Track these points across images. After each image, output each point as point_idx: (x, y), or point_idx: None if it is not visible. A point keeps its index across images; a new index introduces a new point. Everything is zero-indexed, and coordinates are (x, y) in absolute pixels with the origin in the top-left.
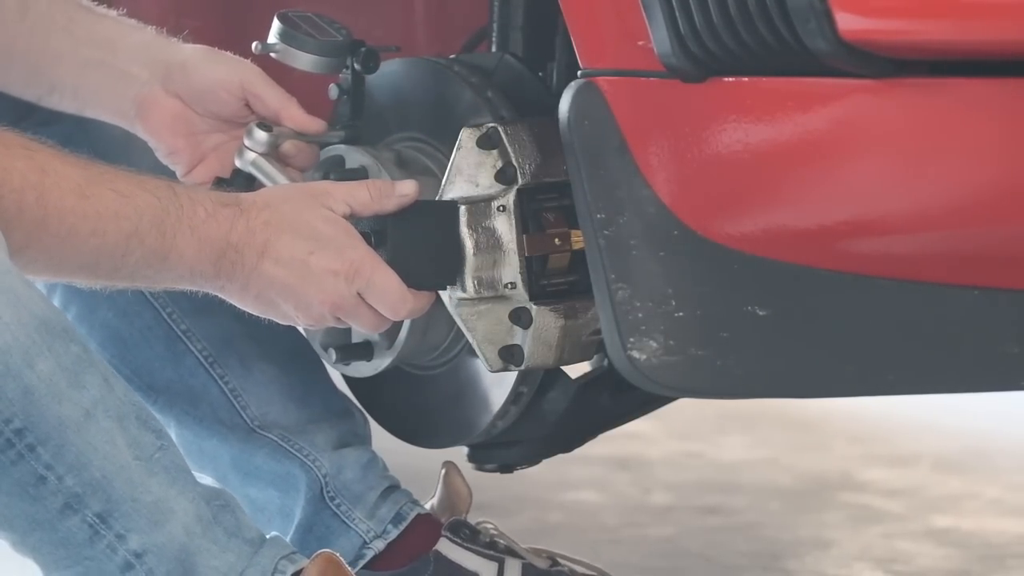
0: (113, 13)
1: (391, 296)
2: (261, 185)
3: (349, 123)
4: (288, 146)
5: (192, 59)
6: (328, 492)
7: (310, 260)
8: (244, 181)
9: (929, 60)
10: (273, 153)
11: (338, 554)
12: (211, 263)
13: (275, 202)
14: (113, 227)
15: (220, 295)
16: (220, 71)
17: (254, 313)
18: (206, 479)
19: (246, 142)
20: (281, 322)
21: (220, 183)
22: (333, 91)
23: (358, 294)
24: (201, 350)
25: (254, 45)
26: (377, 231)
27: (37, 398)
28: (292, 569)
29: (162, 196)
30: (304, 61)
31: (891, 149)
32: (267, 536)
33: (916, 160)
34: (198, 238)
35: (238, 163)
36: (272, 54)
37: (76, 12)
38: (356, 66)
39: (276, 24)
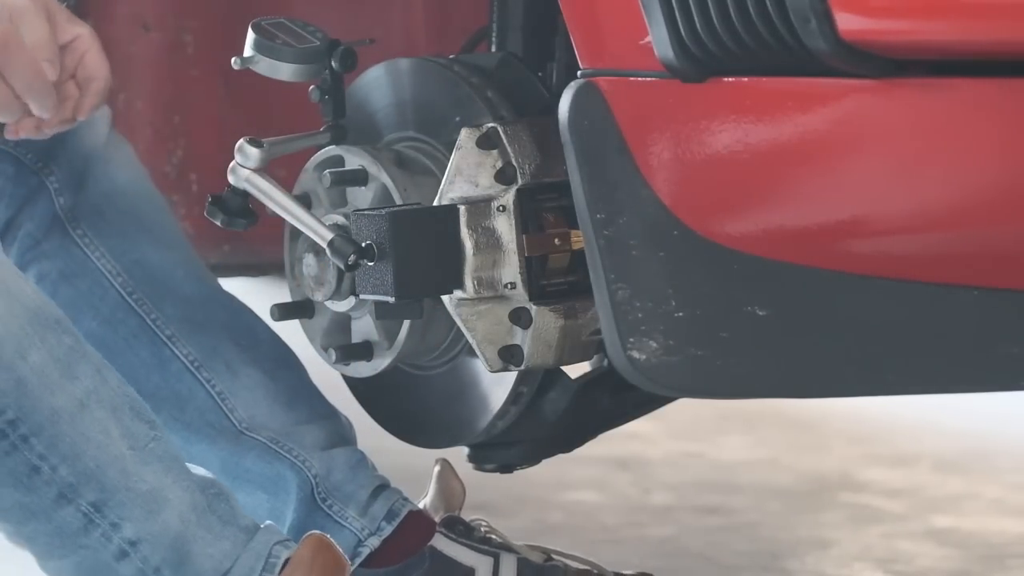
0: None
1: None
2: (256, 202)
3: (334, 123)
4: None
5: None
6: (319, 493)
7: None
8: (239, 199)
9: (929, 60)
10: (266, 167)
11: (328, 535)
12: None
13: None
14: None
15: None
16: None
17: None
18: (199, 469)
19: (238, 159)
20: None
21: (214, 201)
22: (314, 94)
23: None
24: (187, 355)
25: (233, 61)
26: (378, 243)
27: (30, 389)
28: (286, 554)
29: None
30: (286, 72)
31: (891, 149)
32: (261, 525)
33: (916, 160)
34: None
35: (232, 180)
36: (252, 67)
37: None
38: (335, 65)
39: (251, 36)
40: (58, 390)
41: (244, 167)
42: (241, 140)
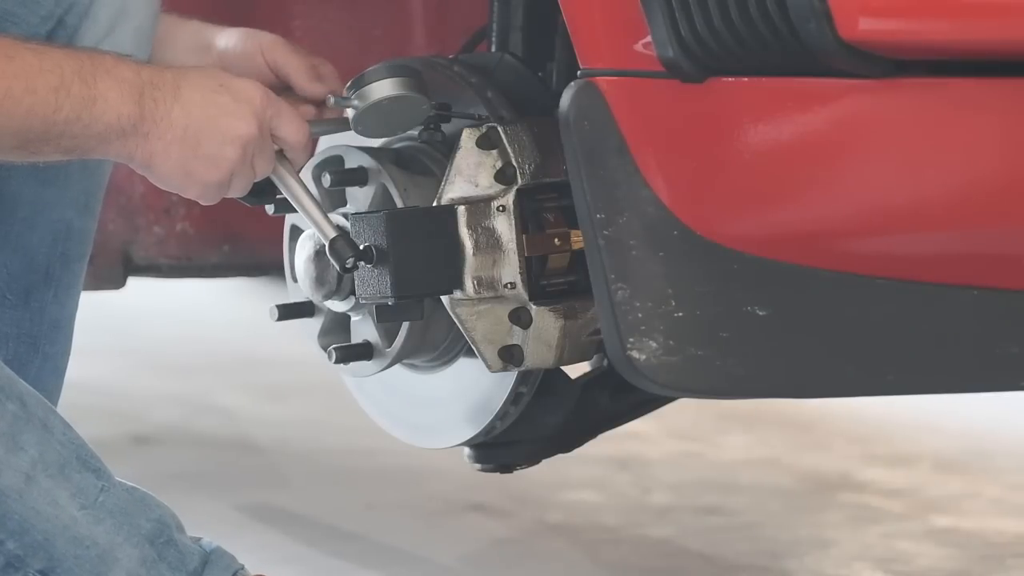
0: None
1: (295, 124)
2: (279, 193)
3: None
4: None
5: (228, 38)
6: None
7: (221, 90)
8: (266, 186)
9: (929, 60)
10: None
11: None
12: (134, 102)
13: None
14: (41, 82)
15: (143, 155)
16: (247, 43)
17: (171, 182)
18: (149, 501)
19: None
20: (191, 192)
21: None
22: (330, 100)
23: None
24: None
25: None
26: (378, 247)
27: None
28: None
29: (70, 50)
30: None
31: (891, 149)
32: (209, 551)
33: (916, 160)
34: (116, 79)
35: None
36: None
37: None
38: None
39: None
40: (4, 468)
41: None
42: None
